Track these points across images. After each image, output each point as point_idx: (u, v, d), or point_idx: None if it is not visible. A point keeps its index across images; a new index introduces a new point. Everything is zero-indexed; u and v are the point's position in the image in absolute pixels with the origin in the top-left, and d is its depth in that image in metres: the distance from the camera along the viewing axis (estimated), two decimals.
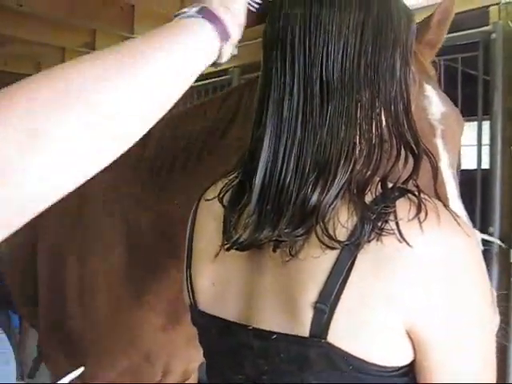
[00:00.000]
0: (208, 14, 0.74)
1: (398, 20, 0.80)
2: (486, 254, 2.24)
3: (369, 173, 0.76)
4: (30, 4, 3.75)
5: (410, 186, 0.77)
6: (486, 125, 2.73)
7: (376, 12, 0.78)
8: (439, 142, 1.27)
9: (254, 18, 0.84)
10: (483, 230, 2.53)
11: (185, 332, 1.68)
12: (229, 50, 0.79)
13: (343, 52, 0.76)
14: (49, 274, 1.88)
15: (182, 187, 1.57)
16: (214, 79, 4.31)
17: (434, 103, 1.30)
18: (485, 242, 2.11)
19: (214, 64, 0.79)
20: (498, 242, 2.40)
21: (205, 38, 0.73)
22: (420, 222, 0.71)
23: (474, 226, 2.23)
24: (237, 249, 0.82)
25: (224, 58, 0.78)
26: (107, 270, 1.70)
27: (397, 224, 0.71)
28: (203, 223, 0.93)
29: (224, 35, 0.75)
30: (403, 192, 0.75)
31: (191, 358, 1.77)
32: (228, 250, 0.83)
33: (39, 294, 1.95)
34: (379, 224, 0.72)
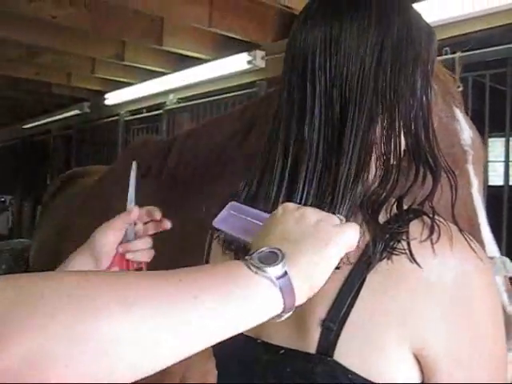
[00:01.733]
0: (287, 287, 0.63)
1: (418, 38, 0.79)
2: None
3: (385, 193, 0.75)
4: (63, 16, 3.83)
5: (426, 207, 0.76)
6: None
7: (395, 31, 0.78)
8: (470, 168, 1.26)
9: (280, 31, 0.84)
10: (510, 247, 2.49)
11: None
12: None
13: (361, 73, 0.76)
14: None
15: (202, 197, 1.58)
16: (240, 92, 4.34)
17: (465, 128, 1.29)
18: None
19: None
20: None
21: (268, 312, 0.63)
22: (432, 244, 0.70)
23: (500, 243, 2.20)
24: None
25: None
26: None
27: (408, 244, 0.70)
28: (216, 251, 0.93)
29: (289, 308, 0.65)
30: (418, 214, 0.74)
31: (208, 370, 1.77)
32: None
33: None
34: (391, 244, 0.71)
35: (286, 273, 0.63)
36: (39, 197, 7.96)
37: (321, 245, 0.66)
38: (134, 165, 1.03)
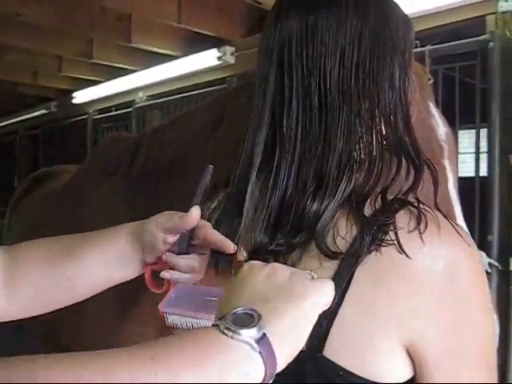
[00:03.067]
0: (267, 351, 0.58)
1: (395, 28, 0.79)
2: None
3: (369, 185, 0.75)
4: (28, 13, 3.75)
5: (410, 198, 0.76)
6: (483, 133, 2.73)
7: (373, 21, 0.77)
8: (446, 163, 1.27)
9: (250, 27, 0.83)
10: (482, 238, 2.53)
11: None
12: None
13: (340, 63, 0.75)
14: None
15: (173, 191, 1.57)
16: (211, 88, 4.32)
17: (440, 123, 1.30)
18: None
19: None
20: (495, 263, 2.40)
21: (249, 380, 0.58)
22: (420, 234, 0.70)
23: (473, 234, 2.23)
24: (239, 259, 0.81)
25: None
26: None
27: (396, 235, 0.70)
28: None
29: (270, 375, 0.60)
30: (403, 204, 0.74)
31: None
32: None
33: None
34: (379, 236, 0.70)
35: (264, 335, 0.59)
36: (7, 198, 7.85)
37: (299, 300, 0.64)
38: (210, 168, 0.88)
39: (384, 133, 0.77)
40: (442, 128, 1.30)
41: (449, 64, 2.84)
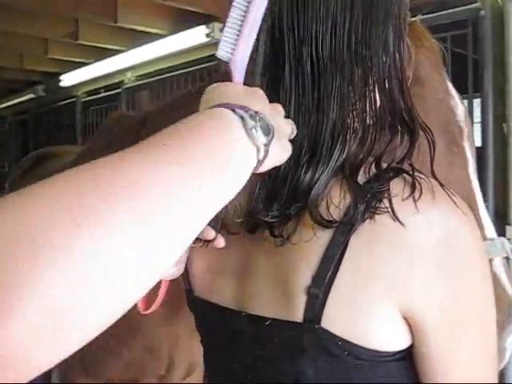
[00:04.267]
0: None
1: None
2: None
3: (363, 153, 0.73)
4: None
5: (405, 165, 0.75)
6: (476, 102, 2.73)
7: None
8: (466, 145, 1.23)
9: None
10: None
11: (187, 323, 1.66)
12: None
13: (332, 29, 0.73)
14: None
15: None
16: (200, 65, 4.29)
17: (459, 103, 1.26)
18: None
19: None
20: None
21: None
22: (415, 201, 0.69)
23: None
24: (230, 233, 0.80)
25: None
26: None
27: (390, 202, 0.69)
28: None
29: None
30: (398, 172, 0.73)
31: (195, 349, 1.76)
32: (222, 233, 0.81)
33: None
34: (373, 204, 0.69)
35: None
36: None
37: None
38: None
39: (378, 99, 0.76)
40: (460, 108, 1.26)
41: (440, 34, 2.82)
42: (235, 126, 0.61)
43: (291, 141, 0.73)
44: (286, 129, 0.70)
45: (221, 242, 0.80)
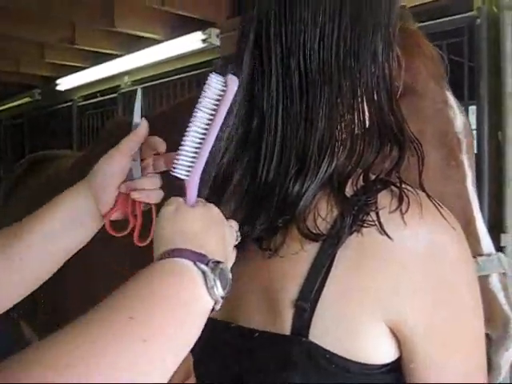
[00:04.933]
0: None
1: (377, 2, 0.76)
2: None
3: (351, 165, 0.73)
4: None
5: (393, 178, 0.74)
6: (472, 110, 2.73)
7: None
8: (465, 158, 1.20)
9: (235, 8, 0.80)
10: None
11: None
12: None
13: (320, 41, 0.73)
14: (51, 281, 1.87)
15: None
16: (197, 71, 4.29)
17: (458, 114, 1.23)
18: None
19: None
20: None
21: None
22: (402, 214, 0.68)
23: None
24: None
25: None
26: (107, 273, 1.67)
27: (377, 215, 0.68)
28: None
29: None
30: (386, 184, 0.72)
31: (186, 356, 1.75)
32: None
33: (38, 301, 1.92)
34: (360, 217, 0.69)
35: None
36: None
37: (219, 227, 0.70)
38: (139, 90, 0.90)
39: (367, 111, 0.75)
40: (459, 119, 1.22)
41: (436, 41, 2.82)
42: (197, 284, 0.62)
43: (279, 155, 0.73)
44: (231, 240, 0.72)
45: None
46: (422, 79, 1.20)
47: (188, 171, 0.72)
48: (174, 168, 0.73)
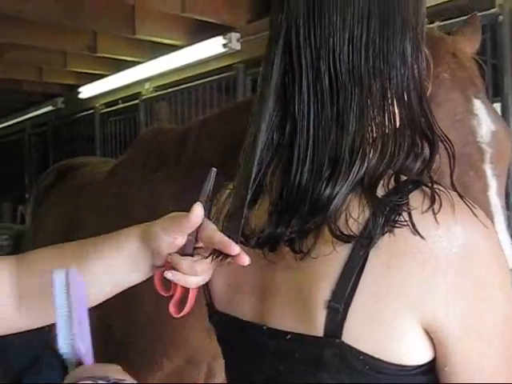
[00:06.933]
0: None
1: (405, 3, 0.76)
2: None
3: (382, 166, 0.73)
4: (30, 10, 3.74)
5: (425, 178, 0.74)
6: (496, 108, 2.70)
7: None
8: (488, 168, 1.17)
9: (256, 11, 0.80)
10: None
11: None
12: None
13: (349, 43, 0.73)
14: None
15: (223, 180, 1.56)
16: (218, 76, 4.30)
17: (484, 122, 1.19)
18: None
19: None
20: None
21: None
22: (434, 214, 0.68)
23: None
24: (250, 247, 0.80)
25: None
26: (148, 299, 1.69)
27: (409, 215, 0.68)
28: (217, 225, 0.91)
29: None
30: (417, 184, 0.72)
31: None
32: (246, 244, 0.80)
33: None
34: (392, 217, 0.69)
35: None
36: (18, 197, 7.89)
37: None
38: (213, 171, 0.87)
39: (397, 112, 0.76)
40: (485, 128, 1.18)
41: None
42: None
43: (312, 159, 0.74)
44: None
45: (246, 259, 0.78)
46: (443, 89, 1.18)
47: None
48: (61, 347, 0.76)
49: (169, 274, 0.84)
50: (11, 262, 0.92)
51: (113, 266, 0.89)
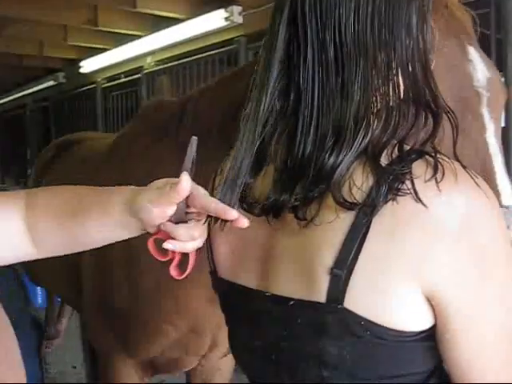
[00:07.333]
0: None
1: None
2: None
3: (386, 136, 0.73)
4: None
5: (428, 148, 0.74)
6: None
7: None
8: (485, 112, 1.18)
9: None
10: None
11: None
12: None
13: (355, 13, 0.73)
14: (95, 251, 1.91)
15: (221, 153, 1.56)
16: (220, 49, 4.28)
17: (479, 68, 1.20)
18: None
19: None
20: None
21: None
22: (437, 183, 0.69)
23: None
24: (254, 214, 0.81)
25: None
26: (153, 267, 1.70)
27: (412, 183, 0.69)
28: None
29: None
30: (420, 154, 0.72)
31: None
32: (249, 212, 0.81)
33: (84, 269, 1.99)
34: (395, 185, 0.70)
35: None
36: (20, 171, 7.91)
37: None
38: (194, 140, 0.85)
39: (402, 83, 0.76)
40: (481, 74, 1.20)
41: None
42: None
43: (316, 127, 0.74)
44: None
45: (244, 221, 0.77)
46: (439, 37, 1.20)
47: None
48: None
49: (168, 245, 0.82)
50: (22, 198, 0.98)
51: (103, 227, 0.91)
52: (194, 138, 0.84)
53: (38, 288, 3.98)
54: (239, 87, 1.60)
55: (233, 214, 0.76)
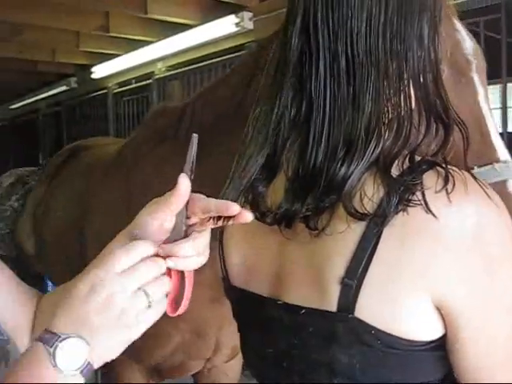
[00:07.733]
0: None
1: None
2: None
3: (397, 147, 0.74)
4: None
5: (439, 159, 0.75)
6: (510, 88, 2.68)
7: None
8: (475, 76, 1.24)
9: None
10: None
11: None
12: None
13: (367, 25, 0.74)
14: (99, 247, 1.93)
15: (217, 153, 1.57)
16: (230, 55, 4.29)
17: (466, 38, 1.27)
18: None
19: None
20: None
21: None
22: (447, 193, 0.69)
23: None
24: (267, 223, 0.82)
25: None
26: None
27: (423, 194, 0.70)
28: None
29: None
30: (431, 164, 0.73)
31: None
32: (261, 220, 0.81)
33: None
34: (406, 196, 0.70)
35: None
36: None
37: (124, 336, 0.75)
38: (195, 138, 0.78)
39: (413, 93, 0.76)
40: (468, 42, 1.26)
41: (473, 18, 2.77)
42: (42, 366, 0.66)
43: (327, 138, 0.75)
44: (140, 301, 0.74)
45: (248, 215, 0.72)
46: None
47: None
48: None
49: (170, 263, 0.74)
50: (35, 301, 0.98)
51: None
52: (195, 136, 0.78)
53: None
54: (231, 86, 1.63)
55: (234, 208, 0.71)
